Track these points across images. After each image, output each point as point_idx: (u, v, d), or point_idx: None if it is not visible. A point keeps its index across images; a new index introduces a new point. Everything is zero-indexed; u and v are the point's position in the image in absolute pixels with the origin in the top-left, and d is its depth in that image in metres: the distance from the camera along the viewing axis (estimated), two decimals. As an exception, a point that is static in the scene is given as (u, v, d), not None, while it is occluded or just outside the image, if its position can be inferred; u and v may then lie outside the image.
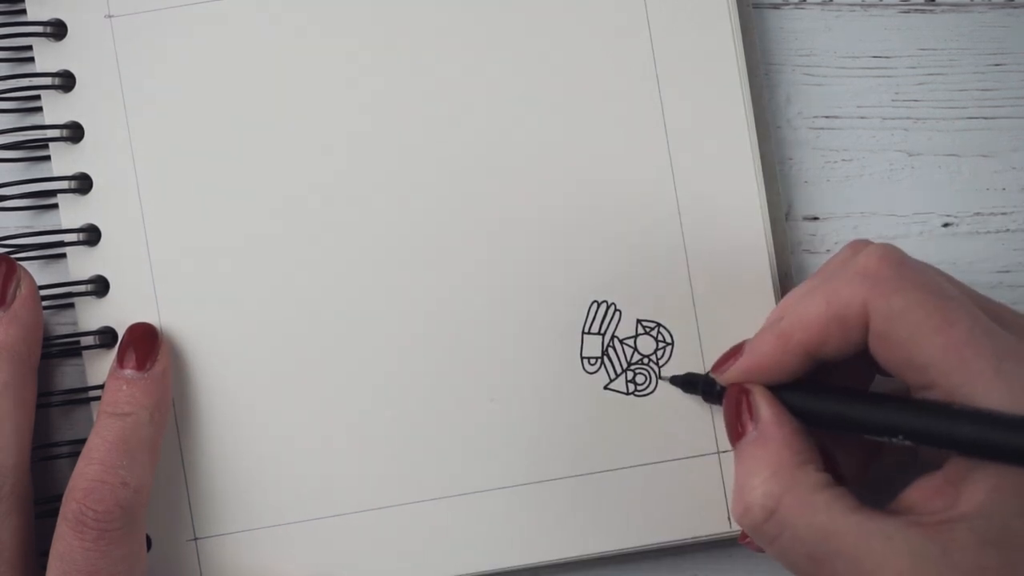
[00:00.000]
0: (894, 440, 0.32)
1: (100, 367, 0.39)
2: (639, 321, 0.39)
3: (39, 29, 0.39)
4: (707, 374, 0.37)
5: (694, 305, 0.39)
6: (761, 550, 0.35)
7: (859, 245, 0.34)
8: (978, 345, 0.30)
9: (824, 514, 0.31)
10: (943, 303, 0.31)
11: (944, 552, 0.29)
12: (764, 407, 0.34)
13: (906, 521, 0.30)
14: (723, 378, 0.36)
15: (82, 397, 0.39)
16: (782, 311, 0.34)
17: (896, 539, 0.30)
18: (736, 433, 0.34)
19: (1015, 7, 0.41)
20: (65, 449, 0.39)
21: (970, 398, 0.30)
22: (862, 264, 0.33)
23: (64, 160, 0.39)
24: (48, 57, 0.39)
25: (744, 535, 0.37)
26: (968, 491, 0.30)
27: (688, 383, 0.38)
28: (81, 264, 0.39)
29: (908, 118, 0.41)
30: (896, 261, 0.32)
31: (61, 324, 0.40)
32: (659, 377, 0.39)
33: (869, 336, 0.32)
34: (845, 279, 0.32)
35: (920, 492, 0.32)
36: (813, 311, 0.33)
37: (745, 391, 0.34)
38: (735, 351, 0.35)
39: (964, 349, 0.30)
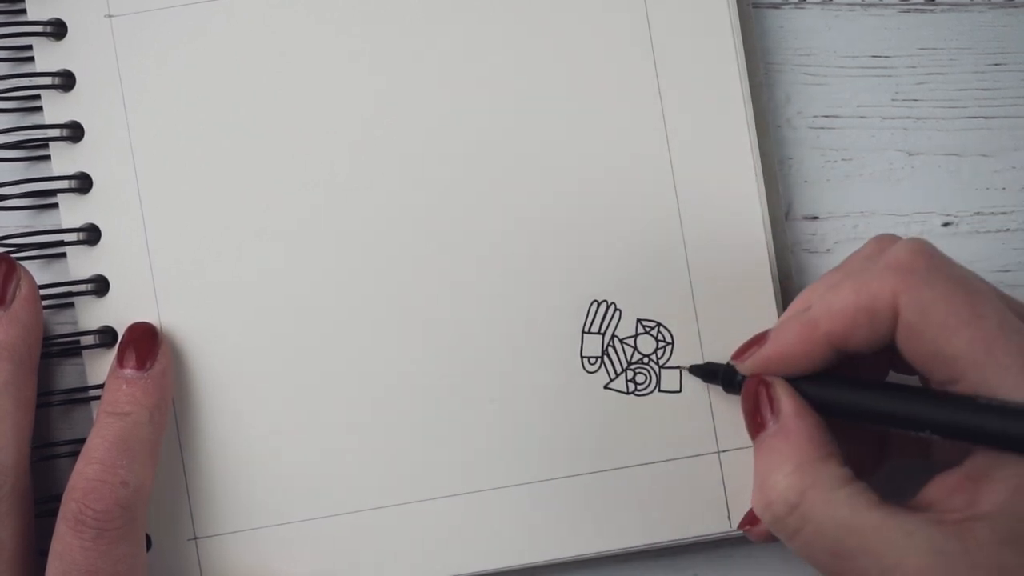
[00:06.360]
0: (920, 434, 0.31)
1: (100, 367, 0.39)
2: (639, 320, 0.39)
3: (39, 29, 0.39)
4: (728, 364, 0.37)
5: (694, 304, 0.39)
6: (772, 538, 0.35)
7: (885, 240, 0.34)
8: (1007, 340, 0.30)
9: (846, 509, 0.31)
10: (973, 297, 0.31)
11: (965, 550, 0.29)
12: (785, 399, 0.33)
13: (927, 518, 0.30)
14: (744, 367, 0.35)
15: (82, 397, 0.39)
16: (806, 301, 0.34)
17: (917, 536, 0.30)
18: (756, 425, 0.34)
19: (1015, 7, 0.41)
20: (65, 449, 0.39)
21: (996, 392, 0.30)
22: (893, 257, 0.32)
23: (64, 160, 0.39)
24: (48, 57, 0.39)
25: (746, 522, 0.37)
26: (989, 489, 0.30)
27: (708, 373, 0.38)
28: (81, 264, 0.39)
29: (908, 118, 0.41)
30: (927, 255, 0.32)
31: (61, 324, 0.40)
32: (679, 367, 0.38)
33: (898, 328, 0.32)
34: (875, 271, 0.32)
35: (940, 489, 0.32)
36: (842, 301, 0.32)
37: (765, 383, 0.34)
38: (758, 339, 0.35)
39: (993, 343, 0.30)
